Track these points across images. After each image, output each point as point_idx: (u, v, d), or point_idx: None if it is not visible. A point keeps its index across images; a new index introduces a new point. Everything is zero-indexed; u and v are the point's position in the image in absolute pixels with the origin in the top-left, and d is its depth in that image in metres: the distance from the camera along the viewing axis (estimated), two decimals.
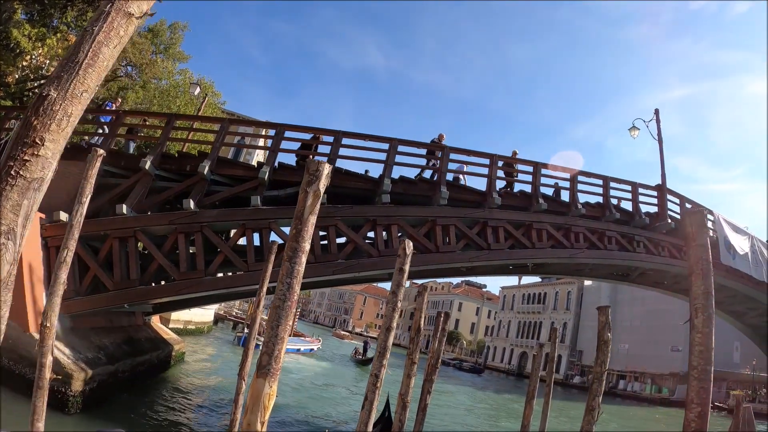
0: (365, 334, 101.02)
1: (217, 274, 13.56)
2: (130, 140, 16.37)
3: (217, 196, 13.98)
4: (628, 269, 21.02)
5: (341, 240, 14.45)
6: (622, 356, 55.41)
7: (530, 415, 11.92)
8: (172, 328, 24.59)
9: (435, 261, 14.80)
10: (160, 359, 17.52)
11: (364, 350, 45.31)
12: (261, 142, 28.48)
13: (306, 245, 3.18)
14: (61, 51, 18.89)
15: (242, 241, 13.94)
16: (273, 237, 13.46)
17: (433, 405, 12.55)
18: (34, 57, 19.78)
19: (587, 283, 65.52)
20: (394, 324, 5.51)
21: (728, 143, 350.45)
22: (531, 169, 16.67)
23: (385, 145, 14.93)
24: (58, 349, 11.21)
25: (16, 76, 20.01)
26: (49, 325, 5.22)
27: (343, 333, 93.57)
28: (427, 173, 16.20)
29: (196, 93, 23.54)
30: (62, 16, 19.53)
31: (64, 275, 5.53)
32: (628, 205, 18.47)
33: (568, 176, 17.10)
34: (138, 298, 13.13)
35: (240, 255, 13.38)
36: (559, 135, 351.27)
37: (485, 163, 16.00)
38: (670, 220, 18.90)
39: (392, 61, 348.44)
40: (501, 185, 16.51)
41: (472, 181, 16.98)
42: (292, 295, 3.08)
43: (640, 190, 18.62)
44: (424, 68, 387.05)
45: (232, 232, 14.22)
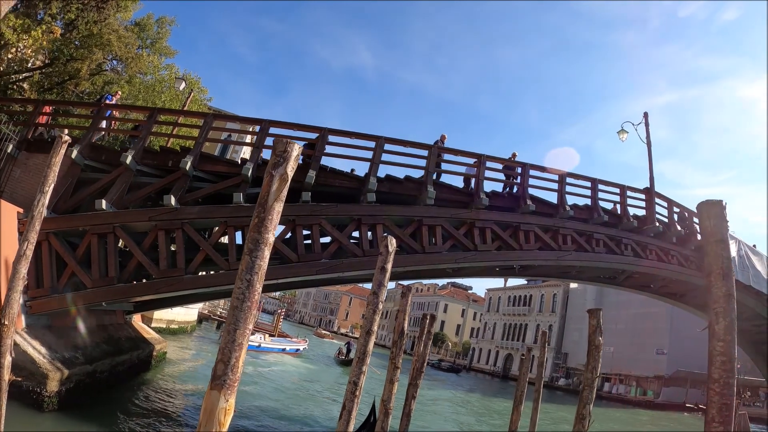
0: (350, 334, 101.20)
1: (199, 273, 13.29)
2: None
3: (199, 193, 13.67)
4: (615, 272, 20.89)
5: (325, 240, 14.22)
6: (607, 359, 55.19)
7: (518, 420, 11.73)
8: (154, 328, 24.22)
9: (421, 262, 14.58)
10: (141, 359, 17.16)
11: (348, 351, 45.13)
12: (248, 139, 28.11)
13: (270, 236, 2.84)
14: (46, 43, 18.51)
15: (226, 240, 13.66)
16: None
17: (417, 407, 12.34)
18: (19, 49, 19.38)
19: (573, 285, 65.81)
20: (375, 327, 5.19)
21: (714, 148, 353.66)
22: (519, 170, 16.53)
23: (371, 143, 14.73)
24: (34, 348, 10.96)
25: (1, 69, 19.63)
26: (7, 323, 4.87)
27: (323, 332, 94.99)
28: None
29: (182, 88, 23.17)
30: (47, 7, 19.18)
31: (24, 269, 5.22)
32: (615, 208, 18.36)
33: (557, 177, 16.97)
34: (116, 297, 12.81)
35: (222, 253, 13.11)
36: (547, 138, 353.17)
37: (472, 163, 15.81)
38: (658, 224, 18.80)
39: (381, 62, 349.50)
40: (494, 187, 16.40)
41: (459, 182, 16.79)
42: (253, 294, 2.74)
43: (629, 193, 18.50)
44: (413, 69, 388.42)
45: (215, 229, 13.96)
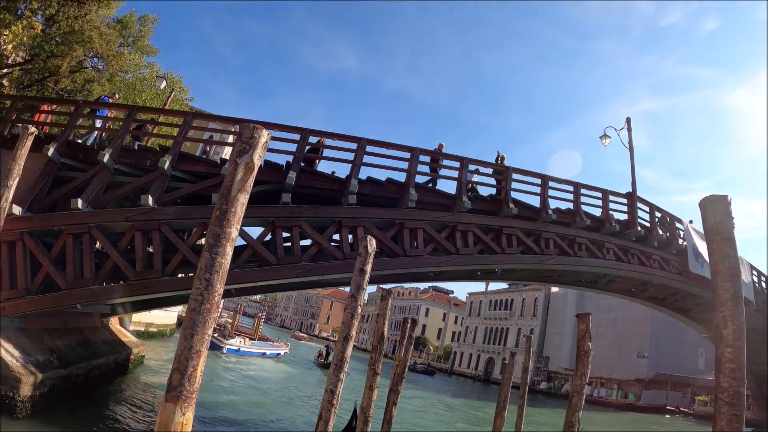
0: (331, 338, 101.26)
1: (177, 275, 13.05)
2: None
3: (178, 193, 13.42)
4: (596, 276, 20.92)
5: (306, 242, 14.05)
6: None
7: (501, 426, 11.64)
8: (132, 331, 23.89)
9: (402, 265, 14.42)
10: (118, 363, 16.89)
11: (327, 354, 44.93)
12: (230, 140, 27.80)
13: (233, 231, 2.61)
14: (26, 39, 18.21)
15: (203, 241, 13.44)
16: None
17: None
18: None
19: (554, 290, 66.03)
20: (353, 332, 4.91)
21: (693, 157, 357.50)
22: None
23: (353, 145, 14.58)
24: (7, 352, 10.73)
25: None
26: None
27: (301, 335, 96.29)
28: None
29: (162, 87, 22.90)
30: (28, 2, 18.86)
31: None
32: (598, 212, 18.37)
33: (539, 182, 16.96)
34: (91, 299, 12.48)
35: (200, 255, 12.88)
36: (529, 143, 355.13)
37: (456, 166, 15.75)
38: (639, 228, 18.85)
39: (366, 66, 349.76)
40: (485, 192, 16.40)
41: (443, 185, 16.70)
42: (212, 295, 2.52)
43: (611, 198, 18.53)
44: (397, 74, 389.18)
45: (193, 230, 13.74)
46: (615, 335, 55.24)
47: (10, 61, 20.25)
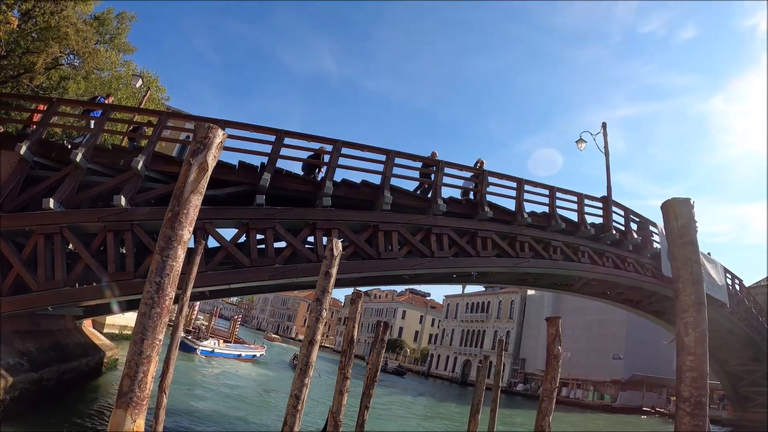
0: None
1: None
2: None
3: (152, 194, 13.25)
4: (572, 279, 21.07)
5: (280, 244, 14.00)
6: (564, 364, 55.71)
7: (475, 428, 11.64)
8: (106, 333, 23.66)
9: (376, 268, 14.43)
10: (91, 366, 16.68)
11: None
12: None
13: (185, 233, 2.54)
14: (2, 34, 17.99)
15: None
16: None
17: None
18: None
19: (530, 292, 66.47)
20: (318, 336, 4.85)
21: (669, 161, 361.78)
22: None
23: (328, 147, 14.56)
24: None
25: None
26: None
27: (273, 336, 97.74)
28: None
29: (138, 85, 22.68)
30: None
31: None
32: (574, 216, 18.50)
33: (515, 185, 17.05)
34: (62, 301, 12.28)
35: None
36: (506, 147, 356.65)
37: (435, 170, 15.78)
38: (614, 232, 19.02)
39: (346, 68, 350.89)
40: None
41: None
42: (163, 298, 2.44)
43: (586, 201, 18.67)
44: (378, 77, 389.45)
45: None
46: (591, 337, 55.77)
47: None
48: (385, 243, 14.45)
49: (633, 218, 20.63)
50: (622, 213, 20.10)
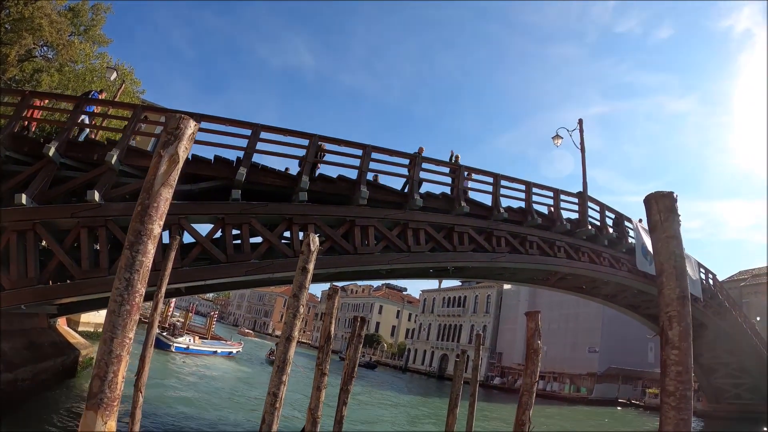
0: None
1: None
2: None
3: (126, 188, 12.98)
4: (548, 274, 21.22)
5: (256, 240, 13.91)
6: (541, 358, 56.48)
7: (453, 424, 11.66)
8: (81, 332, 23.38)
9: (353, 263, 14.39)
10: (66, 365, 16.48)
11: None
12: None
13: (155, 228, 2.42)
14: None
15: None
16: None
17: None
18: None
19: (506, 287, 66.70)
20: (296, 333, 4.71)
21: (644, 159, 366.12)
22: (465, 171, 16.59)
23: (305, 141, 14.44)
24: None
25: None
26: None
27: (246, 331, 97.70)
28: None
29: (113, 78, 22.38)
30: None
31: None
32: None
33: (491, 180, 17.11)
34: (35, 299, 11.97)
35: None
36: (482, 144, 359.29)
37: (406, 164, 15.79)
38: (590, 227, 19.18)
39: (321, 63, 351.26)
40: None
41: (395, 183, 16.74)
42: (133, 296, 2.33)
43: (562, 197, 18.80)
44: (353, 72, 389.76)
45: None
46: (567, 331, 56.26)
47: None
48: (361, 238, 14.41)
49: (608, 214, 20.83)
50: (598, 208, 20.29)
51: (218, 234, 13.52)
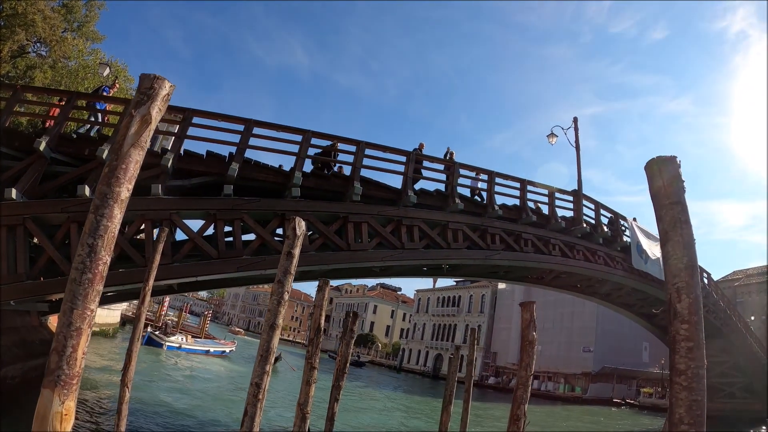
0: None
1: (118, 269, 12.59)
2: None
3: None
4: (543, 272, 21.15)
5: (248, 236, 13.81)
6: (536, 357, 56.40)
7: (447, 422, 11.57)
8: None
9: (346, 259, 14.30)
10: None
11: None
12: (176, 130, 27.04)
13: (123, 191, 2.34)
14: None
15: (143, 235, 13.04)
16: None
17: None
18: None
19: (501, 286, 66.72)
20: (280, 321, 4.55)
21: (637, 159, 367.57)
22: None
23: (298, 137, 14.33)
24: None
25: None
26: None
27: (237, 330, 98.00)
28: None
29: (105, 74, 22.22)
30: None
31: None
32: (544, 209, 18.60)
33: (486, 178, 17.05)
34: (24, 295, 11.94)
35: (139, 249, 12.47)
36: (476, 143, 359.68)
37: (402, 160, 15.66)
38: (585, 225, 19.14)
39: (316, 62, 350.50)
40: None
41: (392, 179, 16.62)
42: (97, 263, 2.18)
43: (557, 195, 18.76)
44: (348, 71, 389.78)
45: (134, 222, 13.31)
46: (561, 330, 56.31)
47: None
48: (355, 235, 14.32)
49: (603, 212, 20.79)
50: (593, 206, 20.26)
51: (210, 230, 13.41)
